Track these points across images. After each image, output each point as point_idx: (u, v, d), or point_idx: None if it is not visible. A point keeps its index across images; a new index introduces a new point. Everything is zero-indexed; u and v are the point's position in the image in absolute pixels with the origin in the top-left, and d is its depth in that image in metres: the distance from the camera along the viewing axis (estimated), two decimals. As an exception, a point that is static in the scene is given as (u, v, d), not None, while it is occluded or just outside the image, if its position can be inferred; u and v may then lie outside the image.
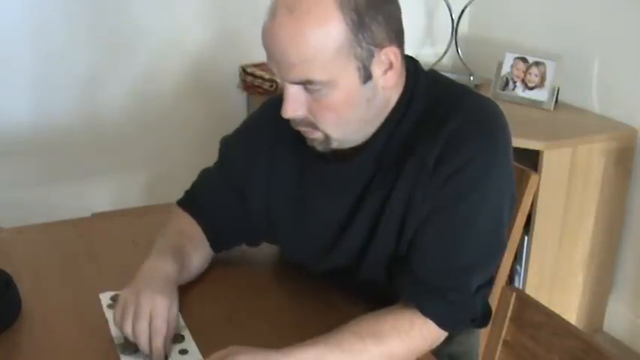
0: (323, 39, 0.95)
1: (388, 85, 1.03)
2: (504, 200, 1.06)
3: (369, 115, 1.04)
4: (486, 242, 1.05)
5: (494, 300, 1.16)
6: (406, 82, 1.07)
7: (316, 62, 0.95)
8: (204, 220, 1.21)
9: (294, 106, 0.99)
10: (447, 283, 1.02)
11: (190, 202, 1.24)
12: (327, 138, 1.03)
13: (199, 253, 1.19)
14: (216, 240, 1.22)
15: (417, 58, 1.11)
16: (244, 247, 1.26)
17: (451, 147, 1.01)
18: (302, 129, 1.04)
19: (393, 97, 1.06)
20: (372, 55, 0.99)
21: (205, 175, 1.25)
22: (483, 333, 1.19)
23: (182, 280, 1.13)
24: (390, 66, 1.02)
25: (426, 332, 1.02)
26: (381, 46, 1.00)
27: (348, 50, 0.97)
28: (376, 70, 1.01)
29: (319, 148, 1.05)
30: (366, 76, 1.00)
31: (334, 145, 1.05)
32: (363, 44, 0.98)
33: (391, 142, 1.06)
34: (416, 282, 1.03)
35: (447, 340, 1.08)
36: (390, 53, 1.01)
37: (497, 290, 1.21)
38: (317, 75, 0.96)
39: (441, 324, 1.02)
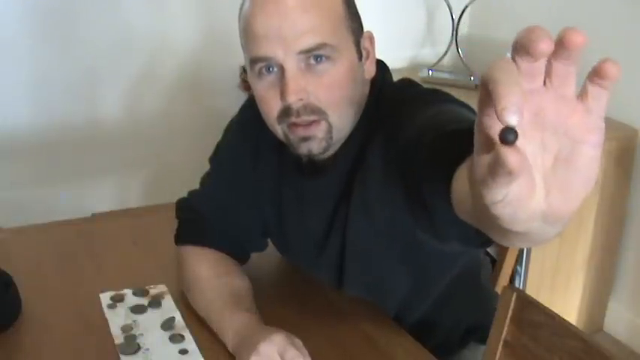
0: (331, 1, 0.94)
1: (367, 74, 1.01)
2: None
3: (359, 103, 1.00)
4: None
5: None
6: (371, 89, 1.03)
7: (328, 24, 0.93)
8: (222, 244, 1.17)
9: (298, 87, 0.92)
10: None
11: (198, 234, 1.18)
12: (329, 129, 0.96)
13: (239, 278, 1.14)
14: (241, 256, 1.19)
15: (417, 58, 1.10)
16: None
17: (388, 136, 0.95)
18: (305, 119, 0.95)
19: (364, 99, 1.02)
20: (360, 36, 0.99)
21: (199, 200, 1.19)
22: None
23: (254, 307, 1.09)
24: (367, 55, 1.00)
25: None
26: (361, 31, 1.00)
27: (346, 22, 0.96)
28: (362, 52, 0.99)
29: (316, 150, 0.97)
30: (359, 54, 0.99)
31: (334, 139, 0.98)
32: (353, 22, 0.98)
33: (364, 150, 1.01)
34: None
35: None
36: (367, 40, 1.00)
37: (498, 290, 1.21)
38: (329, 38, 0.93)
39: None
